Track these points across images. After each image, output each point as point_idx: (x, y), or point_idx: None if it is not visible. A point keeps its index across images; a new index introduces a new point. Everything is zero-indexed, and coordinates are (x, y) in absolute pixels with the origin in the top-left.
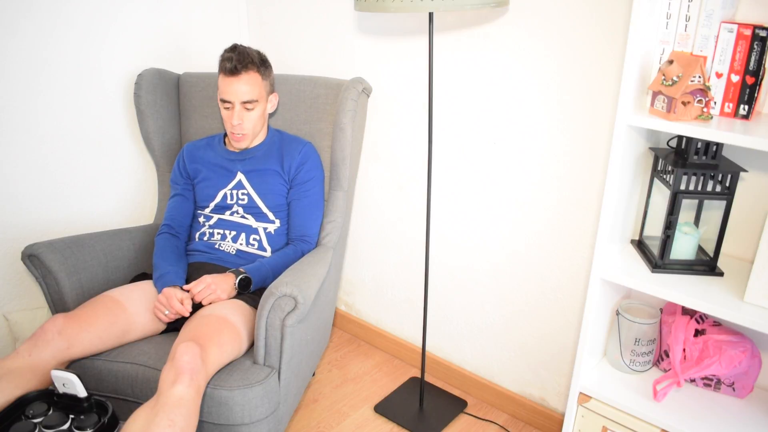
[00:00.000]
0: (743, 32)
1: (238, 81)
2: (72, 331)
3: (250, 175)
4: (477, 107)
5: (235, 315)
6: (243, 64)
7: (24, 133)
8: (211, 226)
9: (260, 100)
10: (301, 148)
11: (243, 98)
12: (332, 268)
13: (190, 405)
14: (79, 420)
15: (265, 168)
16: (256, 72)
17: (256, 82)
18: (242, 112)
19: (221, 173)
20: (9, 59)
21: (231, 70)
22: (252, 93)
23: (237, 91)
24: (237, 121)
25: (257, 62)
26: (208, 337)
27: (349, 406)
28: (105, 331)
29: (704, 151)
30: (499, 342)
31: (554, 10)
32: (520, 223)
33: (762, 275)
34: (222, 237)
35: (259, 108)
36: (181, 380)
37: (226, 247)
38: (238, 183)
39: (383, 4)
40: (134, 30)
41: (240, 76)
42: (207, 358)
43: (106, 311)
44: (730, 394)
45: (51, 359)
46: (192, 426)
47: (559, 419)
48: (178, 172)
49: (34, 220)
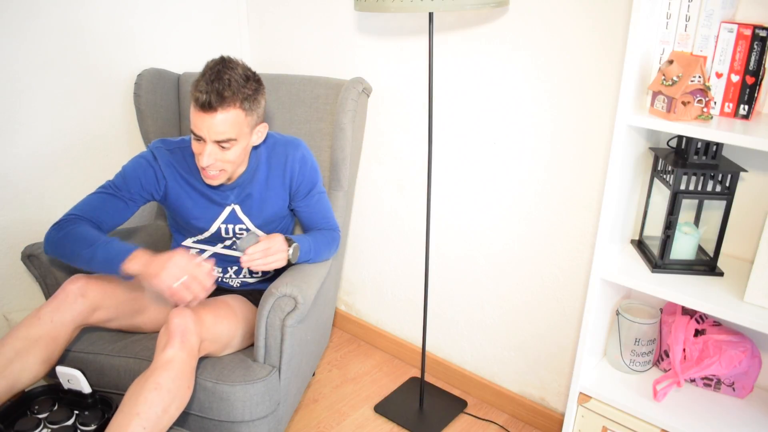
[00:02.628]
0: (743, 32)
1: (212, 119)
2: (94, 294)
3: (245, 205)
4: (477, 107)
5: (234, 301)
6: (220, 99)
7: (24, 133)
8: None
9: (240, 138)
10: (299, 156)
11: (217, 138)
12: (332, 268)
13: (179, 367)
14: (84, 416)
15: (264, 190)
16: (238, 108)
17: (236, 120)
18: (216, 150)
19: (206, 204)
20: (9, 59)
21: (203, 105)
22: (229, 132)
23: (209, 129)
24: (208, 161)
25: (240, 95)
26: (203, 306)
27: (349, 406)
28: (123, 303)
29: (704, 151)
30: (499, 342)
31: (554, 10)
32: (520, 223)
33: (762, 275)
34: (223, 271)
35: (238, 146)
36: (171, 343)
37: (229, 280)
38: (232, 215)
39: (383, 4)
40: (134, 30)
41: (214, 113)
42: (201, 320)
43: (128, 284)
44: (730, 394)
45: (71, 323)
46: (182, 389)
47: (559, 419)
48: (135, 179)
49: (34, 220)
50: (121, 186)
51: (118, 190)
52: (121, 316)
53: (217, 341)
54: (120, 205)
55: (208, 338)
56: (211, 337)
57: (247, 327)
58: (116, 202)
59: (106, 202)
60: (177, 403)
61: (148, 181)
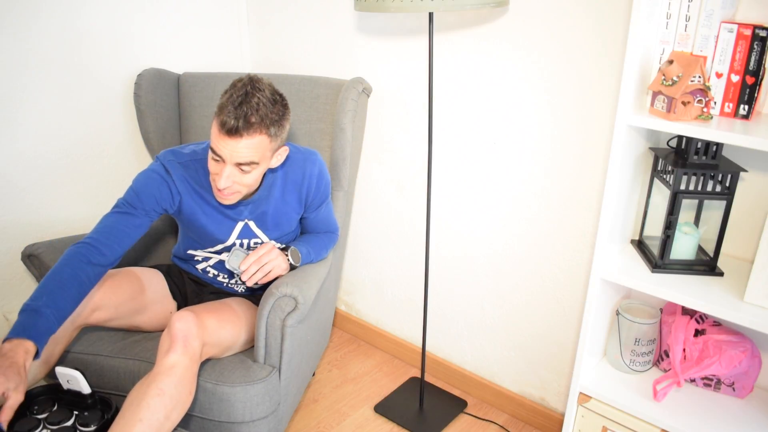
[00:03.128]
0: (743, 32)
1: (236, 143)
2: (95, 294)
3: (261, 220)
4: (477, 107)
5: (237, 304)
6: (247, 125)
7: (24, 133)
8: (213, 266)
9: (262, 162)
10: (317, 172)
11: (238, 161)
12: (332, 268)
13: (182, 373)
14: (84, 416)
15: (281, 205)
16: (264, 134)
17: (260, 145)
18: (235, 173)
19: (220, 219)
20: (9, 59)
21: (229, 131)
22: (252, 156)
23: (232, 153)
24: (225, 183)
25: (267, 122)
26: (206, 310)
27: (349, 406)
28: (124, 303)
29: (704, 151)
30: (499, 342)
31: (554, 10)
32: (519, 223)
33: (762, 275)
34: (229, 277)
35: (258, 170)
36: (174, 348)
37: (234, 285)
38: (245, 229)
39: (383, 4)
40: (134, 30)
41: (240, 138)
42: (203, 325)
43: (129, 284)
44: (730, 394)
45: (71, 323)
46: (184, 394)
47: (559, 419)
48: (150, 196)
49: (34, 220)
50: (134, 203)
51: (132, 208)
52: (121, 316)
53: (220, 345)
54: (136, 222)
55: (210, 342)
56: (214, 342)
57: (251, 330)
58: (132, 220)
59: (121, 222)
60: (179, 408)
61: (163, 197)
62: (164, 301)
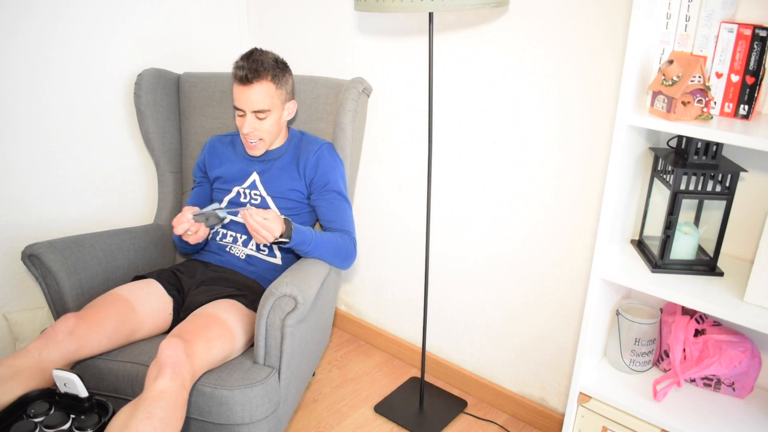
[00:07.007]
0: (743, 32)
1: (249, 90)
2: (82, 332)
3: (264, 177)
4: (477, 107)
5: (227, 313)
6: (255, 73)
7: (24, 133)
8: (224, 225)
9: (273, 109)
10: (316, 149)
11: (254, 108)
12: (332, 268)
13: (171, 398)
14: (80, 420)
15: (281, 170)
16: (270, 81)
17: (268, 92)
18: (254, 120)
19: (237, 172)
20: (10, 59)
21: (242, 79)
22: (263, 103)
23: (247, 100)
24: (248, 129)
25: (271, 71)
26: (194, 332)
27: (349, 406)
28: (114, 331)
29: (704, 151)
30: (499, 342)
31: (554, 10)
32: (520, 223)
33: (762, 275)
34: (233, 240)
35: (272, 117)
36: (163, 374)
37: (237, 251)
38: (252, 183)
39: (383, 4)
40: (134, 30)
41: (251, 85)
42: (192, 351)
43: (117, 312)
44: (730, 394)
45: (59, 359)
46: (174, 419)
47: (559, 419)
48: (197, 165)
49: (34, 220)
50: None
51: (195, 178)
52: (115, 340)
53: (213, 363)
54: (200, 190)
55: (200, 366)
56: (204, 366)
57: (245, 335)
58: (199, 190)
59: (195, 193)
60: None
61: (202, 161)
62: (160, 305)
